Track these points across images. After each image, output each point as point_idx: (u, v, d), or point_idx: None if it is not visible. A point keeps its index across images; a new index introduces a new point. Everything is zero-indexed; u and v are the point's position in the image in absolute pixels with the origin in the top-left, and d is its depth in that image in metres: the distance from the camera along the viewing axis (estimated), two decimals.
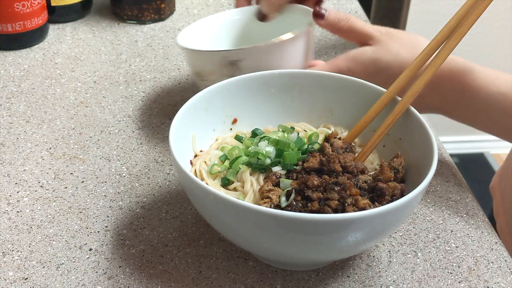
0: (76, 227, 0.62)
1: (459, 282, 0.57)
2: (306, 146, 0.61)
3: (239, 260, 0.58)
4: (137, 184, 0.67)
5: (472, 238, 0.62)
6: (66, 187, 0.67)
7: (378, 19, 1.81)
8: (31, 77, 0.86)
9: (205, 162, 0.61)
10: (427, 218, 0.64)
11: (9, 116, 0.78)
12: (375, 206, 0.53)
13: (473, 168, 2.05)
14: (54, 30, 0.99)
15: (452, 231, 0.62)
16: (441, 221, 0.64)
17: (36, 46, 0.94)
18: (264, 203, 0.54)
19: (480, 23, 0.63)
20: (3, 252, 0.58)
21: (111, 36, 0.98)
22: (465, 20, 0.58)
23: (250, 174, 0.59)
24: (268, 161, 0.59)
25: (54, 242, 0.60)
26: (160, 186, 0.67)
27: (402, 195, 0.55)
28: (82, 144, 0.73)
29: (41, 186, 0.67)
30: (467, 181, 0.70)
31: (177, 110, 0.59)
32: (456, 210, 0.65)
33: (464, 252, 0.60)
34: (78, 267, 0.57)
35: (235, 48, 0.69)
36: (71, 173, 0.69)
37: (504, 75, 0.68)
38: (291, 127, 0.64)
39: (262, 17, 0.77)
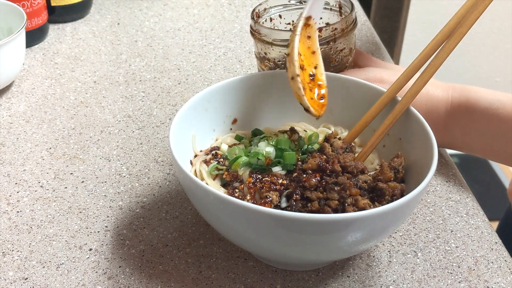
0: (76, 227, 0.62)
1: (459, 282, 0.57)
2: (306, 146, 0.61)
3: (239, 260, 0.58)
4: (137, 184, 0.67)
5: (472, 238, 0.62)
6: (66, 187, 0.67)
7: (378, 19, 1.81)
8: (31, 77, 0.86)
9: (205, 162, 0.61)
10: (427, 218, 0.64)
11: (9, 116, 0.78)
12: (375, 206, 0.53)
13: (473, 168, 2.05)
14: (54, 30, 0.99)
15: (452, 231, 0.62)
16: (441, 221, 0.64)
17: (36, 46, 0.94)
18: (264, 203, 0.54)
19: (480, 23, 0.63)
20: (3, 252, 0.58)
21: (111, 36, 0.98)
22: (465, 20, 0.58)
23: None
24: None
25: (54, 242, 0.60)
26: (160, 186, 0.67)
27: (402, 195, 0.55)
28: (82, 144, 0.73)
29: (41, 186, 0.67)
30: (467, 181, 0.70)
31: (177, 110, 0.59)
32: (456, 210, 0.65)
33: (464, 252, 0.60)
34: (78, 267, 0.57)
35: None
36: (71, 173, 0.69)
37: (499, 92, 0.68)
38: (291, 127, 0.64)
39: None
